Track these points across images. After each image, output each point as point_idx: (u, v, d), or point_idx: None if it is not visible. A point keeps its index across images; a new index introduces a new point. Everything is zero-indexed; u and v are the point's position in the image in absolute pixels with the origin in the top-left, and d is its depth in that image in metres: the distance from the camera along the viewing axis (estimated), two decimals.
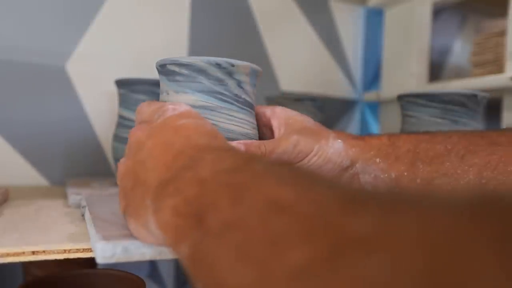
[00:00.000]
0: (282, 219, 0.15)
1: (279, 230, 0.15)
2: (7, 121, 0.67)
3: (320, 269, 0.13)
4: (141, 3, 0.75)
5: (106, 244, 0.28)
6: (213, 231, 0.18)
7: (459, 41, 1.03)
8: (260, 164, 0.21)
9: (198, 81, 0.36)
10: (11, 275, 0.66)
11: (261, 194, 0.17)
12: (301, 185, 0.17)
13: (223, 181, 0.21)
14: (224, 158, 0.23)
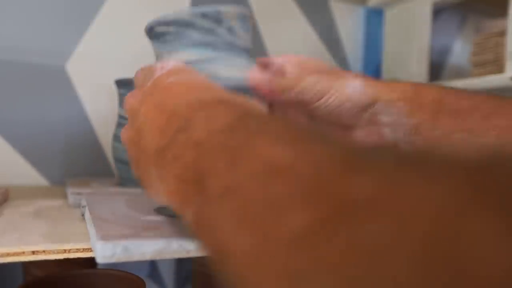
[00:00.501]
0: (279, 181, 0.15)
1: (277, 193, 0.15)
2: (7, 121, 0.67)
3: (321, 233, 0.12)
4: (141, 3, 0.75)
5: (106, 244, 0.28)
6: (213, 196, 0.18)
7: (459, 41, 1.03)
8: (254, 121, 0.20)
9: (187, 36, 0.35)
10: (11, 275, 0.66)
11: (257, 156, 0.17)
12: (299, 143, 0.16)
13: (217, 143, 0.20)
14: (216, 115, 0.22)
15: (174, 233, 0.32)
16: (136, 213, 0.39)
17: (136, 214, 0.38)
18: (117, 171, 0.60)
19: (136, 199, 0.46)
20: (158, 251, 0.30)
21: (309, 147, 0.16)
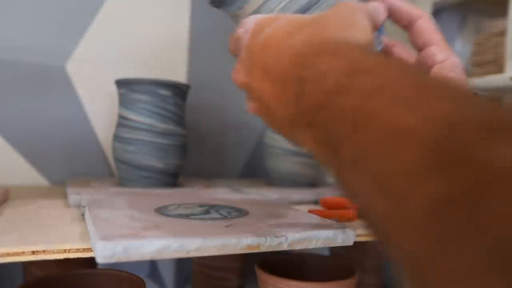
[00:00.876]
0: (414, 149, 0.15)
1: (408, 161, 0.15)
2: (7, 121, 0.67)
3: (460, 203, 0.12)
4: (141, 3, 0.75)
5: (106, 244, 0.28)
6: (346, 162, 0.19)
7: (459, 41, 1.03)
8: (367, 77, 0.19)
9: None
10: (11, 275, 0.66)
11: (378, 120, 0.17)
12: (424, 102, 0.16)
13: (336, 107, 0.20)
14: (325, 71, 0.22)
15: (174, 233, 0.32)
16: (136, 213, 0.39)
17: (136, 214, 0.38)
18: (117, 171, 0.60)
19: (136, 199, 0.46)
20: (158, 251, 0.30)
21: (436, 106, 0.15)
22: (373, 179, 0.17)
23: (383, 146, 0.16)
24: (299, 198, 0.60)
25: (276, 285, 0.43)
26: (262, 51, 0.28)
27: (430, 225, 0.13)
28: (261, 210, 0.44)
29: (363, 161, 0.17)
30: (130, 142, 0.57)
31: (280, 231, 0.35)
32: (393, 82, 0.18)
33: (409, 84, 0.17)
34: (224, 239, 0.32)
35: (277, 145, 0.69)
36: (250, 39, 0.30)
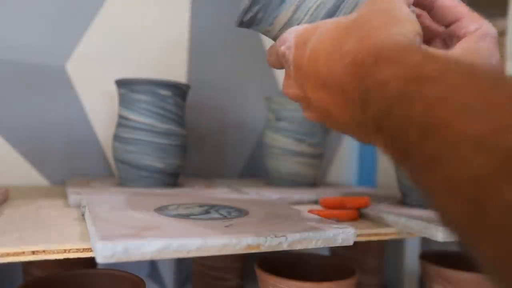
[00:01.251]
0: (489, 156, 0.15)
1: (486, 168, 0.15)
2: (7, 121, 0.67)
3: None
4: (141, 3, 0.75)
5: (106, 244, 0.28)
6: (418, 165, 0.19)
7: None
8: (430, 86, 0.19)
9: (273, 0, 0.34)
10: (11, 275, 0.66)
11: (459, 130, 0.17)
12: (493, 110, 0.16)
13: (401, 116, 0.20)
14: (382, 82, 0.22)
15: (174, 233, 0.32)
16: (136, 213, 0.39)
17: (136, 214, 0.38)
18: (117, 171, 0.60)
19: (136, 199, 0.46)
20: (158, 251, 0.30)
21: (507, 114, 0.16)
22: (447, 184, 0.17)
23: (455, 152, 0.17)
24: (299, 198, 0.60)
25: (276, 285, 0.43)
26: (312, 63, 0.28)
27: (506, 231, 0.14)
28: (261, 210, 0.44)
29: (435, 167, 0.18)
30: (130, 142, 0.57)
31: (280, 231, 0.35)
32: (458, 90, 0.18)
33: (475, 91, 0.18)
34: (224, 239, 0.32)
35: (277, 145, 0.69)
36: (296, 53, 0.30)
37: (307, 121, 0.68)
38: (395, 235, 0.46)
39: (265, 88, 0.86)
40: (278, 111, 0.69)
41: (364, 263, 0.68)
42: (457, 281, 0.51)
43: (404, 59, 0.22)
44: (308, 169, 0.70)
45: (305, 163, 0.69)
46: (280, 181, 0.70)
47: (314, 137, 0.69)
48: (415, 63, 0.21)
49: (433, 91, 0.19)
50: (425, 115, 0.19)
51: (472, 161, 0.16)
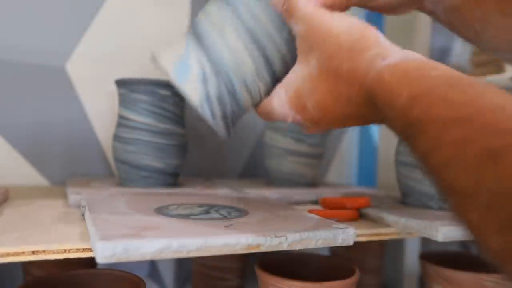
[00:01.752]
0: (498, 169, 0.19)
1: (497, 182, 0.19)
2: (7, 121, 0.67)
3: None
4: (141, 3, 0.75)
5: (106, 244, 0.28)
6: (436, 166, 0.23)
7: (459, 41, 1.03)
8: (439, 105, 0.23)
9: None
10: (11, 275, 0.66)
11: (482, 146, 0.20)
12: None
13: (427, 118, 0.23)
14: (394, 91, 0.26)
15: (174, 233, 0.32)
16: (136, 213, 0.39)
17: (136, 214, 0.38)
18: (117, 171, 0.60)
19: (136, 199, 0.46)
20: (158, 251, 0.30)
21: None
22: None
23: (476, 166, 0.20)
24: (299, 198, 0.60)
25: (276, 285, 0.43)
26: (321, 118, 0.33)
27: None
28: (261, 210, 0.44)
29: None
30: (130, 142, 0.57)
31: (280, 231, 0.35)
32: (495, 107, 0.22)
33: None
34: (224, 239, 0.32)
35: (277, 145, 0.69)
36: (303, 116, 0.34)
37: None
38: (395, 235, 0.46)
39: None
40: None
41: (364, 263, 0.68)
42: (457, 281, 0.51)
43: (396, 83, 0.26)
44: (308, 169, 0.70)
45: (305, 163, 0.69)
46: (280, 181, 0.70)
47: (314, 137, 0.69)
48: (408, 81, 0.25)
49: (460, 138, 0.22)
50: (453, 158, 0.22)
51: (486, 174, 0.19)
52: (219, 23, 0.36)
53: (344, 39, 0.30)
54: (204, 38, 0.36)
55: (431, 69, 0.25)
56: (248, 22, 0.35)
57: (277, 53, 0.37)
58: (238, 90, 0.36)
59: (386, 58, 0.28)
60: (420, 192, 0.53)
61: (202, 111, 0.35)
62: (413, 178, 0.53)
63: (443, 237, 0.41)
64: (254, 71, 0.36)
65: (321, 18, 0.31)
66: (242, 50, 0.35)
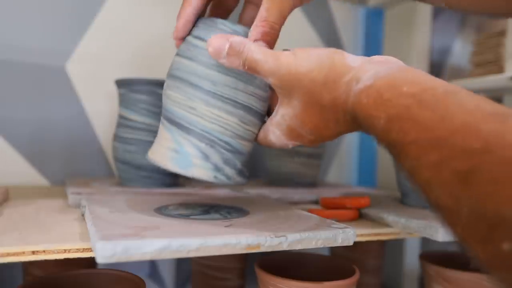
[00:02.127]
0: None
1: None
2: (7, 121, 0.67)
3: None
4: (141, 3, 0.75)
5: (106, 244, 0.28)
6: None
7: (459, 41, 1.03)
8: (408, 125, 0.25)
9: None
10: (11, 275, 0.66)
11: (454, 168, 0.21)
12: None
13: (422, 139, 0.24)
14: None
15: (174, 233, 0.32)
16: (136, 213, 0.39)
17: (136, 214, 0.38)
18: (117, 171, 0.60)
19: (136, 199, 0.46)
20: (158, 251, 0.30)
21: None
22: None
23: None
24: (299, 198, 0.60)
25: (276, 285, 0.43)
26: (317, 138, 0.35)
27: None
28: (261, 210, 0.44)
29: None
30: (130, 142, 0.57)
31: (280, 231, 0.35)
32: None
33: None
34: (224, 239, 0.32)
35: None
36: (296, 140, 0.36)
37: None
38: (395, 235, 0.46)
39: None
40: None
41: (364, 263, 0.68)
42: (457, 281, 0.51)
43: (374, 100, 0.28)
44: (308, 169, 0.70)
45: (305, 163, 0.69)
46: (280, 181, 0.70)
47: None
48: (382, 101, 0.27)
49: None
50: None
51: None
52: (184, 103, 0.37)
53: (316, 76, 0.31)
54: (181, 121, 0.37)
55: (402, 84, 0.26)
56: (211, 89, 0.36)
57: (253, 96, 0.38)
58: (236, 144, 0.38)
59: (359, 80, 0.29)
60: None
61: (218, 181, 0.37)
62: None
63: (443, 237, 0.41)
64: (240, 122, 0.37)
65: (287, 66, 0.32)
66: (219, 113, 0.36)
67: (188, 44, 0.39)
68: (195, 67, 0.37)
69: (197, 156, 0.37)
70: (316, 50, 0.33)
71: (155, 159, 0.38)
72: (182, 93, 0.37)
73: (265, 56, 0.33)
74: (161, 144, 0.38)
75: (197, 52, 0.37)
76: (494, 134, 0.20)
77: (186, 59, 0.38)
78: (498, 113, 0.21)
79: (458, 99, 0.23)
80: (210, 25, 0.38)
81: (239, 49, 0.33)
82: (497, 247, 0.19)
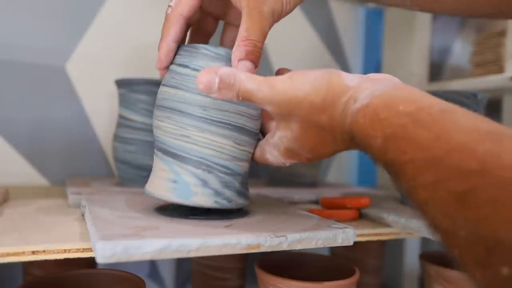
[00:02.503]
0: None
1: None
2: (7, 121, 0.67)
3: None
4: (141, 3, 0.75)
5: (106, 244, 0.28)
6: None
7: (459, 41, 1.03)
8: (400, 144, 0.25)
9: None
10: (11, 275, 0.66)
11: (451, 189, 0.21)
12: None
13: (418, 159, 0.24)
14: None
15: (174, 233, 0.32)
16: (136, 213, 0.39)
17: (136, 214, 0.38)
18: (117, 171, 0.60)
19: (136, 199, 0.46)
20: (158, 251, 0.30)
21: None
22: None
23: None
24: (299, 198, 0.60)
25: (276, 285, 0.43)
26: (315, 157, 0.35)
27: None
28: (261, 210, 0.44)
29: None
30: (130, 142, 0.57)
31: (280, 231, 0.35)
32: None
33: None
34: (224, 239, 0.32)
35: None
36: (294, 159, 0.36)
37: None
38: (395, 235, 0.46)
39: None
40: None
41: (364, 263, 0.68)
42: (457, 281, 0.51)
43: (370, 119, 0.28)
44: (308, 169, 0.70)
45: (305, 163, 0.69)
46: (280, 181, 0.70)
47: None
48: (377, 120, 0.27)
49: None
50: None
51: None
52: (177, 132, 0.37)
53: (314, 99, 0.31)
54: (176, 151, 0.37)
55: (398, 103, 0.26)
56: (202, 115, 0.36)
57: (244, 116, 0.38)
58: (233, 166, 0.38)
59: (357, 99, 0.29)
60: None
61: (220, 206, 0.37)
62: None
63: None
64: (234, 143, 0.37)
65: (283, 91, 0.32)
66: (212, 138, 0.36)
67: (173, 73, 0.38)
68: (182, 95, 0.37)
69: (196, 184, 0.37)
70: (312, 72, 0.32)
71: (154, 192, 0.38)
72: (173, 122, 0.37)
73: (259, 84, 0.32)
74: (158, 175, 0.38)
75: (182, 80, 0.37)
76: (490, 154, 0.20)
77: (173, 88, 0.38)
78: (494, 133, 0.21)
79: (455, 118, 0.23)
80: (192, 51, 0.38)
81: (229, 81, 0.32)
82: (495, 271, 0.19)
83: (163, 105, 0.38)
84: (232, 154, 0.37)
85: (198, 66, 0.37)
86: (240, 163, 0.38)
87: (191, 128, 0.36)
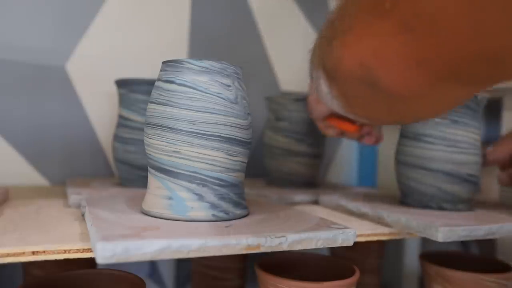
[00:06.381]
0: None
1: None
2: (7, 121, 0.67)
3: None
4: (141, 3, 0.75)
5: (106, 244, 0.28)
6: None
7: None
8: None
9: None
10: (11, 275, 0.66)
11: None
12: None
13: None
14: None
15: (174, 234, 0.32)
16: (136, 213, 0.39)
17: (136, 214, 0.38)
18: (117, 171, 0.60)
19: (136, 199, 0.46)
20: (158, 251, 0.30)
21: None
22: None
23: None
24: (299, 198, 0.60)
25: (276, 285, 0.43)
26: None
27: None
28: (261, 210, 0.44)
29: None
30: (130, 142, 0.57)
31: (280, 231, 0.35)
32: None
33: None
34: (224, 239, 0.32)
35: (277, 145, 0.69)
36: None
37: (307, 121, 0.67)
38: (395, 235, 0.46)
39: (265, 88, 0.86)
40: (278, 111, 0.69)
41: (364, 263, 0.68)
42: (457, 281, 0.51)
43: None
44: (308, 169, 0.70)
45: (305, 163, 0.69)
46: (280, 181, 0.70)
47: (314, 137, 0.68)
48: None
49: None
50: None
51: None
52: (168, 148, 0.37)
53: None
54: (168, 168, 0.37)
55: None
56: (191, 129, 0.36)
57: (234, 127, 0.38)
58: (227, 178, 0.38)
59: None
60: (420, 192, 0.53)
61: (217, 219, 0.37)
62: (413, 178, 0.53)
63: (443, 237, 0.41)
64: (226, 155, 0.37)
65: None
66: (204, 152, 0.37)
67: (159, 90, 0.38)
68: (171, 111, 0.37)
69: (191, 198, 0.37)
70: None
71: (150, 210, 0.38)
72: (164, 139, 0.37)
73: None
74: (154, 193, 0.38)
75: (170, 96, 0.37)
76: None
77: (161, 105, 0.38)
78: None
79: None
80: (177, 67, 0.38)
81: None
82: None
83: (153, 123, 0.38)
84: (225, 166, 0.37)
85: (184, 80, 0.37)
86: (234, 174, 0.38)
87: (182, 144, 0.36)
